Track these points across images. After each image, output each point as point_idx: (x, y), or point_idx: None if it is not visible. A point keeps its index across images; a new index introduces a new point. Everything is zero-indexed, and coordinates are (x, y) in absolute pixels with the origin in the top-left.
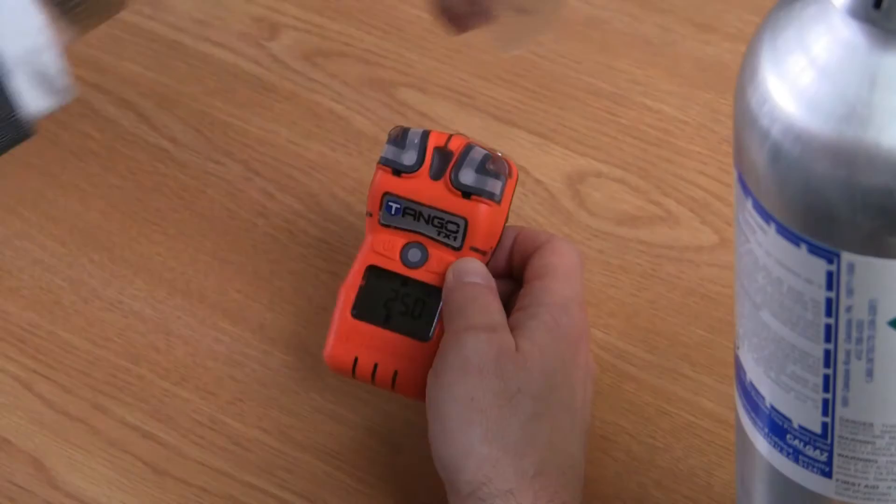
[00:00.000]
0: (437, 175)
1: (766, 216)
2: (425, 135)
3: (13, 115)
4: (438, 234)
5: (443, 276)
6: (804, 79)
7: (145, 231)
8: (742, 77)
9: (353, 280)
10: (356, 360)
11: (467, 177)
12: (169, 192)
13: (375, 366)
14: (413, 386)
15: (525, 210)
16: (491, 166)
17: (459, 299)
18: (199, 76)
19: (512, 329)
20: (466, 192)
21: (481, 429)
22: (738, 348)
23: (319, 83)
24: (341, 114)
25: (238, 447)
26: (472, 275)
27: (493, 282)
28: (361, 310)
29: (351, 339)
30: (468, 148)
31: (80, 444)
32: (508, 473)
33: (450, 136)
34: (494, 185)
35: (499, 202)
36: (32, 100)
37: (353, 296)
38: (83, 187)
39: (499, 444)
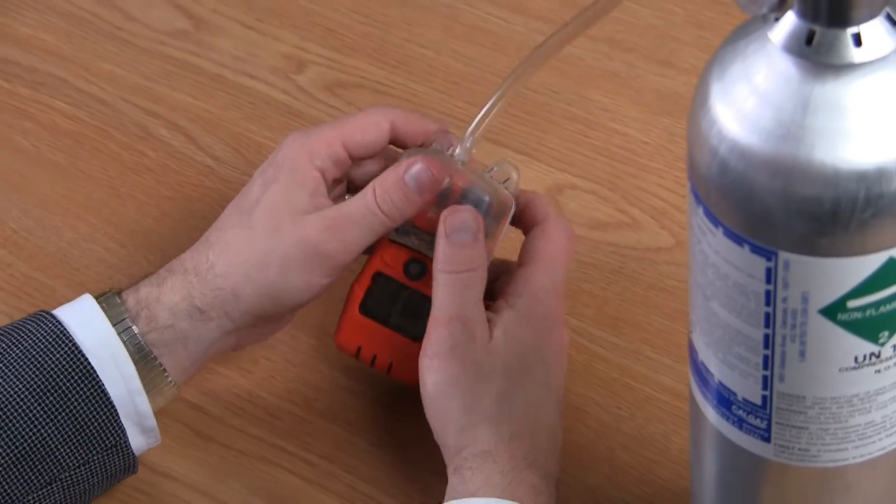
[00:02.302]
0: (441, 205)
1: (715, 221)
2: None
3: (125, 451)
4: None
5: None
6: (747, 105)
7: (192, 235)
8: (694, 104)
9: (363, 281)
10: (359, 349)
11: None
12: (212, 202)
13: (374, 356)
14: (404, 375)
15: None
16: (487, 201)
17: (447, 288)
18: (238, 104)
19: (495, 313)
20: None
21: (460, 402)
22: (691, 333)
23: (339, 110)
24: None
25: (271, 416)
26: (463, 263)
27: (483, 266)
28: (367, 308)
29: (357, 330)
30: (467, 191)
31: None
32: (486, 437)
33: (450, 178)
34: (489, 222)
35: (491, 237)
36: (133, 437)
37: (361, 294)
38: (140, 198)
39: (477, 413)
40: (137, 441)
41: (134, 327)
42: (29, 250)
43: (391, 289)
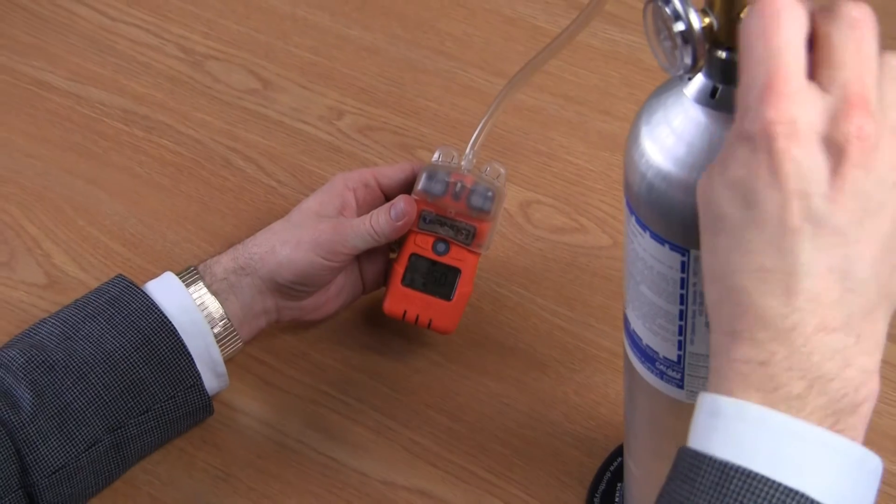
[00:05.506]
0: (456, 198)
1: (644, 227)
2: (447, 174)
3: (201, 390)
4: (456, 236)
5: (459, 262)
6: (667, 142)
7: None
8: (629, 141)
9: (401, 262)
10: (405, 312)
11: (477, 202)
12: (276, 214)
13: (417, 316)
14: (441, 327)
15: None
16: (490, 195)
17: None
18: (294, 142)
19: None
20: (476, 211)
21: None
22: (626, 308)
23: (368, 147)
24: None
25: (318, 370)
26: None
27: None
28: (407, 280)
29: (401, 299)
30: (475, 188)
31: None
32: None
33: (462, 176)
34: (493, 208)
35: (494, 218)
36: (207, 380)
37: (401, 271)
38: (223, 210)
39: None
40: (211, 383)
41: (201, 281)
42: (143, 248)
43: (424, 264)
